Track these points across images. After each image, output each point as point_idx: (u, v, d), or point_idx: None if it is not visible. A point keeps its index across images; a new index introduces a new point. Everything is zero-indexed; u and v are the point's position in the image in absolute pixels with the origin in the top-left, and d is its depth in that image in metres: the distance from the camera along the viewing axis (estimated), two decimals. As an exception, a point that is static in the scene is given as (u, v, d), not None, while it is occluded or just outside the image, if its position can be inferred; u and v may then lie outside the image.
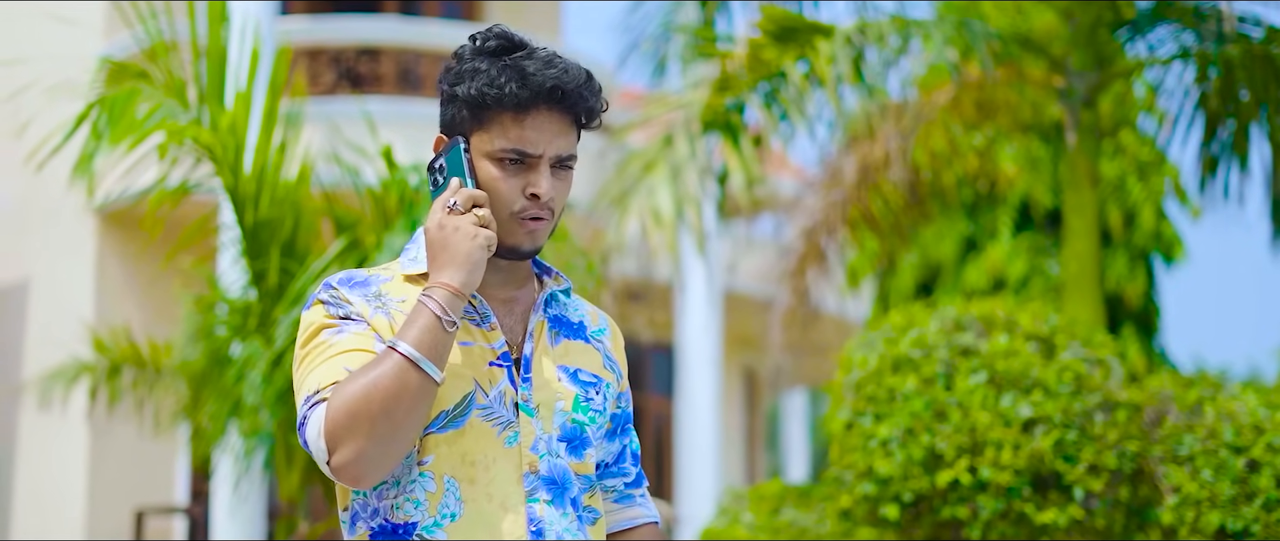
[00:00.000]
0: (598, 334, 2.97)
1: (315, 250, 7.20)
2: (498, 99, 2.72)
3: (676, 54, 9.67)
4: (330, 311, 2.76)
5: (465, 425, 2.74)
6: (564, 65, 2.74)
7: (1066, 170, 8.96)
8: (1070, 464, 6.47)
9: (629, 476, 3.04)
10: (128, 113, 6.76)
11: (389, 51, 15.15)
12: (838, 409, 7.01)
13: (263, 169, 6.94)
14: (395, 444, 2.62)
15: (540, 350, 2.83)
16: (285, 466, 7.41)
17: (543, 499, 2.75)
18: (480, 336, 2.78)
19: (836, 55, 8.21)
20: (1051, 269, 15.15)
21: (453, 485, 2.71)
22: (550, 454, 2.78)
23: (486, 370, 2.77)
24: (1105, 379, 6.77)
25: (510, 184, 2.75)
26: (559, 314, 2.92)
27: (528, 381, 2.79)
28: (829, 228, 9.70)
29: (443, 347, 2.63)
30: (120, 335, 10.42)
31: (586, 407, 2.85)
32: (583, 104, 2.76)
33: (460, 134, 2.78)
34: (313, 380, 2.69)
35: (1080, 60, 8.85)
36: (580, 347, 2.91)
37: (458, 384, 2.73)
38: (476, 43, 2.80)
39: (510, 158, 2.74)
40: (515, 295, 2.87)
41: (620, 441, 3.01)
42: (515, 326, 2.84)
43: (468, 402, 2.74)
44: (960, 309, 7.12)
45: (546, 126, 2.74)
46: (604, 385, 2.90)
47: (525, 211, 2.76)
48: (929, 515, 6.65)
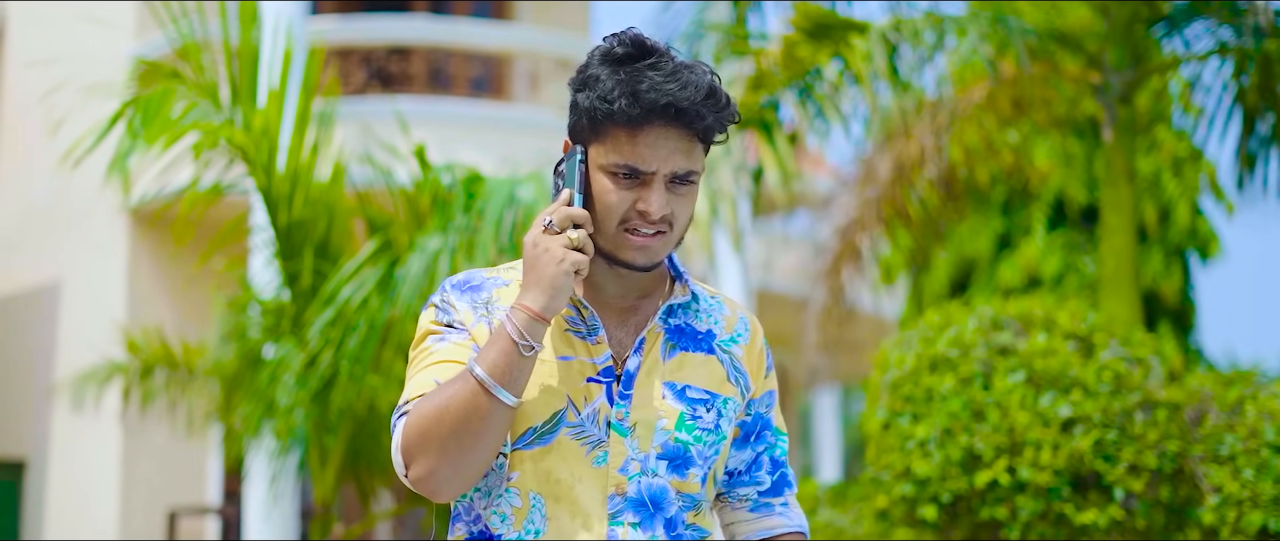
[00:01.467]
0: (728, 342, 2.86)
1: (348, 251, 7.18)
2: (608, 114, 2.63)
3: (709, 52, 9.62)
4: (438, 317, 2.76)
5: (553, 442, 2.69)
6: (686, 79, 2.62)
7: (1103, 167, 8.90)
8: (1110, 464, 6.41)
9: (763, 484, 2.94)
10: (161, 113, 6.75)
11: (419, 51, 15.15)
12: (874, 409, 6.95)
13: (296, 169, 6.92)
14: (467, 463, 2.60)
15: (648, 364, 2.75)
16: (319, 467, 7.39)
17: (628, 520, 2.69)
18: (583, 350, 2.72)
19: (872, 52, 8.15)
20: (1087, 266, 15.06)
21: (538, 501, 2.68)
22: (646, 474, 2.70)
23: (583, 387, 2.70)
24: (1145, 378, 6.70)
25: (621, 197, 2.66)
26: (684, 323, 2.83)
27: (626, 399, 2.71)
28: (864, 225, 9.64)
29: (518, 372, 2.58)
30: (153, 336, 10.42)
31: (692, 426, 2.75)
32: (700, 122, 2.64)
33: (581, 142, 2.72)
34: (408, 389, 2.71)
35: (1116, 56, 8.78)
36: (699, 360, 2.81)
37: (550, 400, 2.69)
38: (607, 47, 2.70)
39: (622, 173, 2.66)
40: (637, 304, 2.80)
41: (753, 448, 2.92)
42: (627, 338, 2.77)
43: (557, 420, 2.69)
44: (998, 308, 7.06)
45: (661, 144, 2.64)
46: (719, 401, 2.79)
47: (634, 226, 2.68)
48: (967, 516, 6.59)
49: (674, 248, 2.75)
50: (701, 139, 2.68)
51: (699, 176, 2.70)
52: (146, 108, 6.78)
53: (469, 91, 15.92)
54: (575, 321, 2.74)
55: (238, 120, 6.93)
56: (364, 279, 6.78)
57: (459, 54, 15.66)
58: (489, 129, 14.05)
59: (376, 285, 6.77)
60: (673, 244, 2.73)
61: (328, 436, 7.20)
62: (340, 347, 6.82)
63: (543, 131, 13.96)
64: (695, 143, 2.67)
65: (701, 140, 2.68)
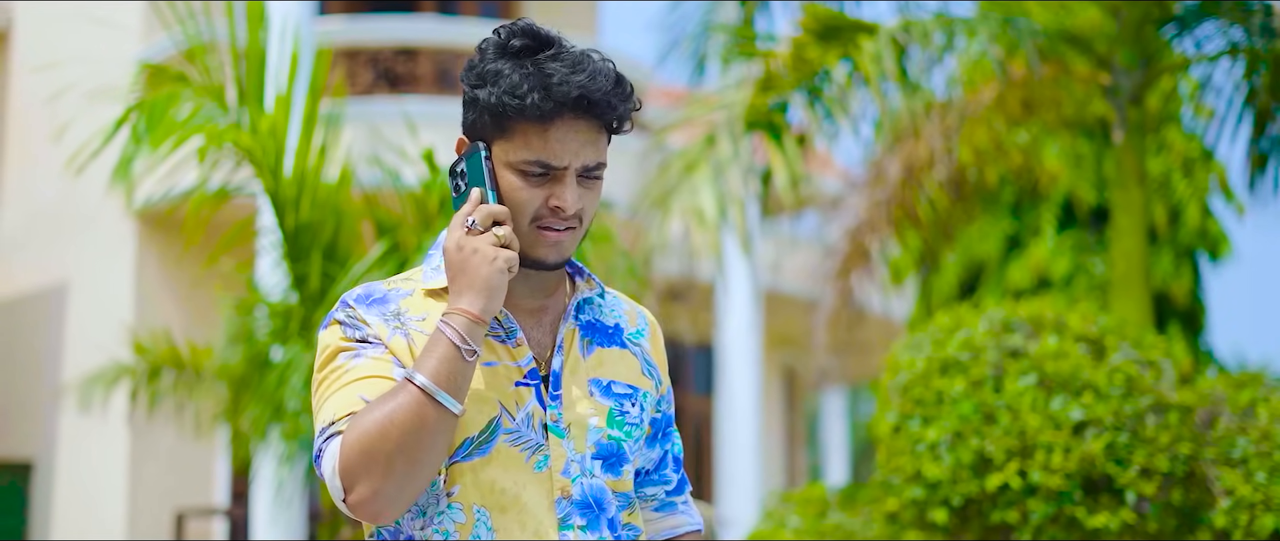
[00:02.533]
0: (636, 336, 2.81)
1: (356, 253, 7.15)
2: (519, 109, 2.53)
3: (716, 53, 9.60)
4: (346, 333, 2.61)
5: (492, 451, 2.59)
6: (592, 69, 2.56)
7: (1114, 168, 8.87)
8: (1122, 467, 6.38)
9: (670, 483, 2.90)
10: (167, 116, 6.73)
11: (426, 51, 15.12)
12: (885, 411, 6.93)
13: (303, 172, 6.89)
14: (413, 480, 2.48)
15: (571, 363, 2.68)
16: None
17: (577, 524, 2.61)
18: (506, 354, 2.63)
19: (881, 53, 8.12)
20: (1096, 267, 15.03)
21: (483, 515, 2.58)
22: (584, 474, 2.63)
23: (512, 391, 2.61)
24: (1156, 380, 6.67)
25: (532, 194, 2.58)
26: (593, 319, 2.76)
27: (557, 399, 2.64)
28: (873, 227, 9.62)
29: (462, 378, 2.48)
30: (160, 338, 10.41)
31: (622, 422, 2.69)
32: (611, 112, 2.58)
33: (482, 139, 2.60)
34: (328, 410, 2.55)
35: (1127, 57, 8.75)
36: (615, 355, 2.75)
37: (482, 408, 2.59)
38: (500, 39, 2.61)
39: (534, 171, 2.57)
40: (545, 303, 2.72)
41: (661, 447, 2.86)
42: (544, 338, 2.69)
43: (493, 428, 2.59)
44: (1008, 310, 7.03)
45: (572, 137, 2.56)
46: (640, 395, 2.74)
47: (548, 222, 2.60)
48: (978, 519, 6.57)
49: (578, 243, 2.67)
50: (609, 130, 2.61)
51: (604, 168, 2.63)
52: (152, 111, 6.76)
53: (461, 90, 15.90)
54: (493, 326, 2.64)
55: (244, 122, 6.91)
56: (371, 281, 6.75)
57: (467, 55, 15.61)
58: (496, 130, 14.01)
59: (384, 287, 6.74)
60: (580, 238, 2.66)
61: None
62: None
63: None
64: (602, 134, 2.60)
65: (608, 131, 2.62)
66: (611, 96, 2.56)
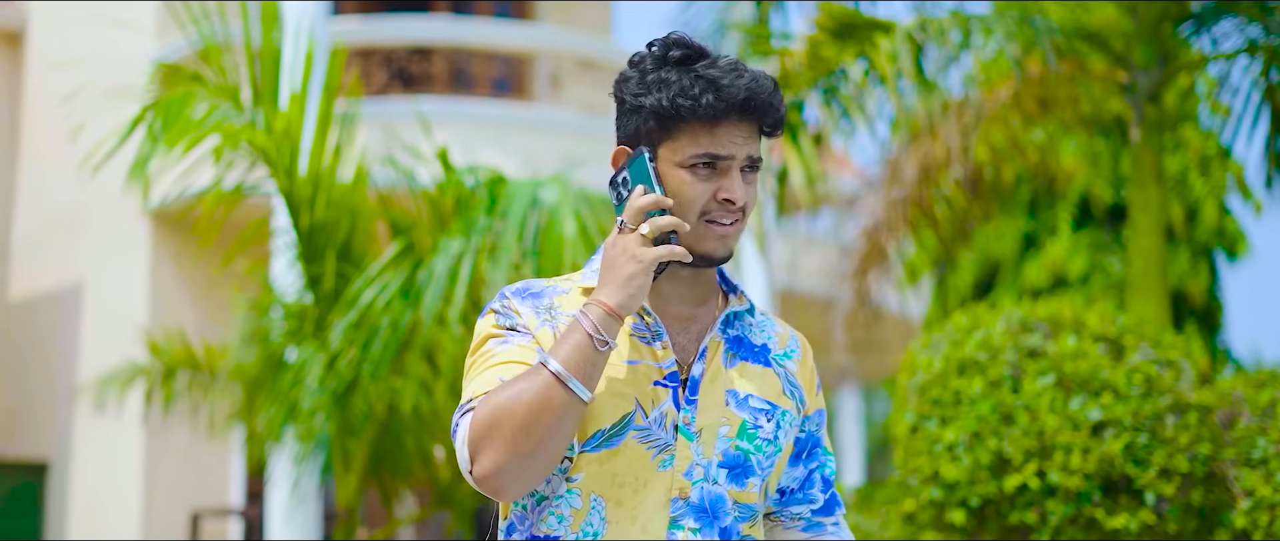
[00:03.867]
0: (783, 357, 2.88)
1: (371, 254, 7.14)
2: (692, 110, 2.66)
3: (730, 51, 9.56)
4: (499, 322, 2.76)
5: (620, 445, 2.68)
6: (753, 74, 2.70)
7: (1131, 167, 8.82)
8: (1141, 468, 6.34)
9: (816, 503, 2.95)
10: (183, 116, 6.72)
11: (441, 51, 15.13)
12: (902, 412, 6.89)
13: (318, 172, 6.88)
14: (536, 459, 2.58)
15: (712, 371, 2.77)
16: (342, 470, 7.35)
17: (689, 526, 2.69)
18: (649, 354, 2.73)
19: (897, 52, 8.08)
20: (1113, 265, 14.98)
21: (598, 504, 2.68)
22: (707, 480, 2.71)
23: (650, 390, 2.71)
24: (1175, 380, 6.63)
25: (701, 189, 2.69)
26: (741, 334, 2.85)
27: (692, 404, 2.72)
28: (890, 226, 9.58)
29: (592, 366, 2.58)
30: (175, 338, 10.42)
31: (753, 435, 2.76)
32: (772, 114, 2.72)
33: (646, 144, 2.73)
34: (470, 388, 2.69)
35: (1144, 55, 8.71)
36: (758, 371, 2.82)
37: (618, 403, 2.69)
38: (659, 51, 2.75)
39: (702, 162, 2.68)
40: (695, 312, 2.81)
41: (806, 466, 2.93)
42: (690, 345, 2.78)
43: (625, 422, 2.69)
44: (1026, 310, 6.99)
45: (736, 133, 2.69)
46: (779, 412, 2.81)
47: (716, 215, 2.70)
48: (996, 520, 6.53)
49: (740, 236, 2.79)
50: (764, 132, 2.75)
51: (762, 165, 2.77)
52: (168, 111, 6.75)
53: (490, 92, 15.90)
54: (640, 327, 2.75)
55: (259, 122, 6.90)
56: (387, 281, 6.74)
57: (480, 54, 15.64)
58: (510, 129, 14.02)
59: (400, 288, 6.73)
60: (743, 232, 2.79)
61: (350, 439, 7.16)
62: (364, 350, 6.79)
63: (564, 132, 13.92)
64: (758, 134, 2.74)
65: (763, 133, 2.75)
66: (773, 98, 2.72)
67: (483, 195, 6.83)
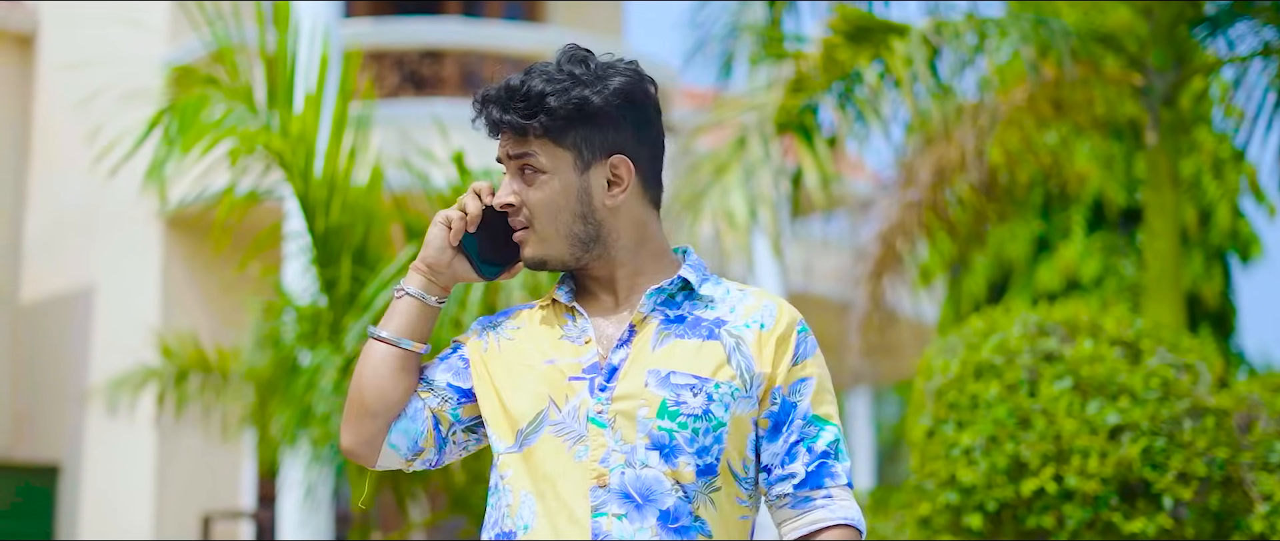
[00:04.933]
0: (741, 327, 2.81)
1: (386, 257, 7.12)
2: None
3: (743, 54, 9.55)
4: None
5: (538, 441, 2.76)
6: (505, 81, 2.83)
7: (1147, 170, 8.81)
8: (1158, 472, 6.32)
9: (796, 477, 2.79)
10: (197, 119, 6.71)
11: (452, 53, 15.10)
12: (918, 415, 6.88)
13: (333, 175, 6.86)
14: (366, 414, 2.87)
15: (635, 355, 2.77)
16: (357, 474, 7.33)
17: (613, 512, 2.69)
18: (570, 352, 2.80)
19: (912, 55, 8.07)
20: (1126, 269, 14.95)
21: (528, 499, 2.75)
22: (633, 465, 2.70)
23: (565, 385, 2.77)
24: (1193, 384, 6.61)
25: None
26: (686, 313, 2.82)
27: (606, 390, 2.74)
28: (904, 230, 9.56)
29: (402, 318, 2.87)
30: (187, 341, 10.41)
31: (675, 413, 2.71)
32: (498, 115, 2.81)
33: None
34: None
35: (1159, 58, 8.69)
36: (692, 346, 2.77)
37: (532, 402, 2.78)
38: None
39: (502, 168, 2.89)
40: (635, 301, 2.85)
41: (785, 439, 2.80)
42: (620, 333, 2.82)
43: (540, 420, 2.77)
44: (1043, 314, 6.97)
45: (502, 140, 2.84)
46: (710, 385, 2.73)
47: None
48: (1013, 524, 6.51)
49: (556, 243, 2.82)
50: (516, 130, 2.80)
51: (540, 161, 2.79)
52: (183, 113, 6.74)
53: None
54: (569, 327, 2.84)
55: (274, 125, 6.88)
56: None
57: (491, 56, 15.60)
58: (522, 132, 13.98)
59: (415, 292, 6.71)
60: (545, 240, 2.82)
61: (366, 443, 7.13)
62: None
63: (576, 134, 13.87)
64: (524, 134, 2.80)
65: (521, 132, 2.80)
66: (498, 98, 2.81)
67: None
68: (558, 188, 2.79)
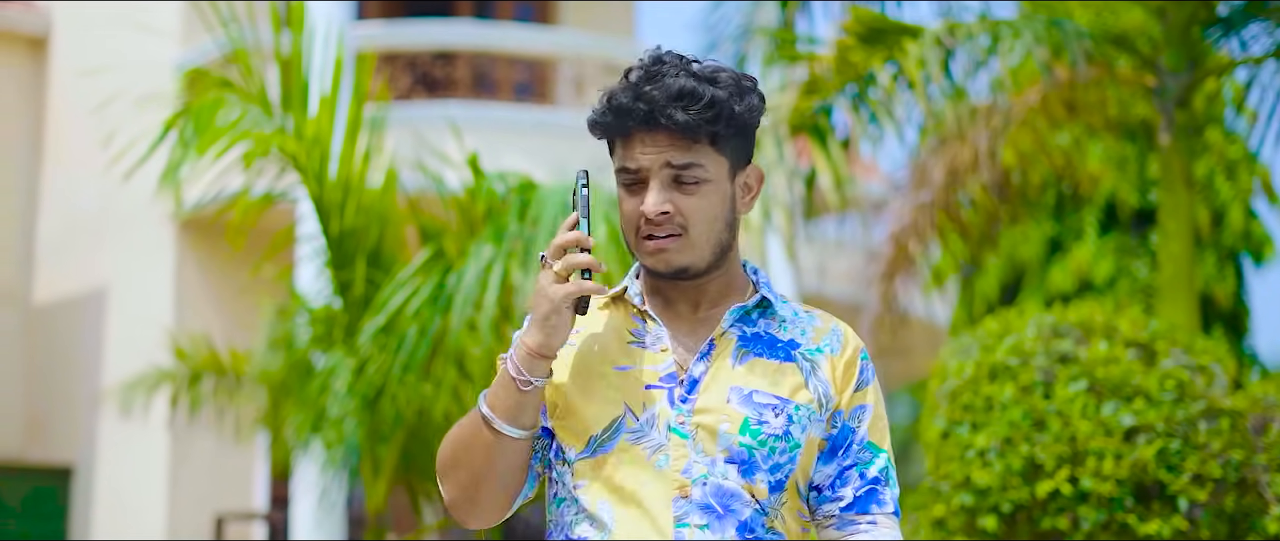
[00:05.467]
0: (813, 352, 2.82)
1: (401, 259, 7.13)
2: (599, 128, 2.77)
3: (756, 55, 9.54)
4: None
5: (614, 449, 2.73)
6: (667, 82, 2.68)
7: (1159, 171, 8.79)
8: (1174, 473, 6.31)
9: (843, 500, 2.82)
10: (213, 122, 6.72)
11: (463, 55, 15.11)
12: (932, 417, 6.87)
13: (348, 177, 6.87)
14: (481, 492, 2.77)
15: (716, 369, 2.77)
16: (371, 476, 7.34)
17: (695, 522, 2.69)
18: (644, 359, 2.77)
19: (925, 57, 8.06)
20: (1139, 270, 14.93)
21: (605, 507, 2.72)
22: (714, 477, 2.71)
23: (641, 394, 2.74)
24: (1208, 386, 6.60)
25: (630, 204, 2.75)
26: (764, 332, 2.82)
27: (687, 402, 2.73)
28: (917, 231, 9.55)
29: (517, 407, 2.70)
30: (200, 343, 10.43)
31: (757, 431, 2.73)
32: (669, 120, 2.68)
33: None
34: None
35: (1173, 59, 8.67)
36: (772, 367, 2.79)
37: (607, 409, 2.74)
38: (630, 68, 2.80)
39: (625, 179, 2.74)
40: (710, 312, 2.82)
41: (839, 463, 2.83)
42: (699, 345, 2.79)
43: (616, 427, 2.73)
44: (1057, 315, 6.96)
45: (650, 143, 2.71)
46: (790, 407, 2.76)
47: (646, 232, 2.73)
48: (1028, 526, 6.50)
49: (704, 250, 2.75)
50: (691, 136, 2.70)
51: (705, 170, 2.72)
52: (199, 116, 6.75)
53: (513, 96, 15.88)
54: (639, 333, 2.79)
55: (289, 127, 6.89)
56: (417, 287, 6.74)
57: (503, 58, 15.62)
58: (534, 133, 14.01)
59: (430, 294, 6.73)
60: (697, 247, 2.74)
61: (380, 445, 7.16)
62: (393, 356, 6.78)
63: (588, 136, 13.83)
64: (690, 139, 2.70)
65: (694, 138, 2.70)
66: (670, 104, 2.67)
67: (513, 201, 6.82)
68: (717, 196, 2.75)
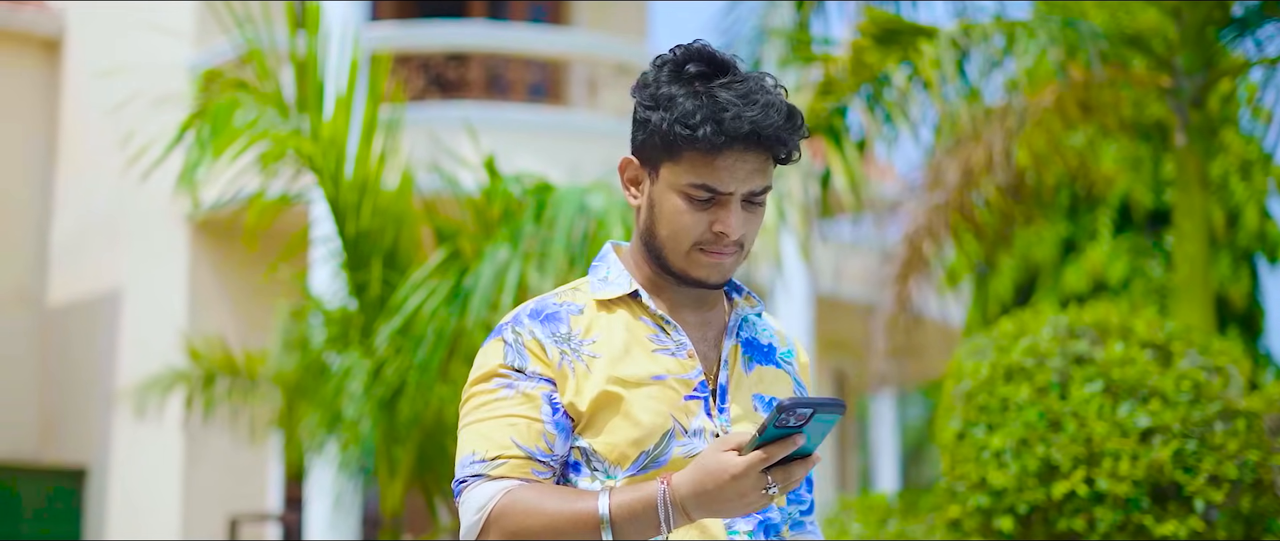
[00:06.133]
0: (786, 356, 2.86)
1: (416, 260, 7.14)
2: (690, 140, 2.59)
3: (771, 57, 9.53)
4: (507, 358, 2.68)
5: (667, 463, 2.63)
6: (765, 102, 2.59)
7: (1176, 172, 8.78)
8: (1190, 474, 6.30)
9: (804, 503, 2.86)
10: (229, 123, 6.73)
11: (477, 56, 15.12)
12: (948, 418, 6.86)
13: (364, 178, 6.88)
14: None
15: (736, 377, 2.74)
16: (387, 477, 7.35)
17: (743, 528, 2.66)
18: (676, 367, 2.69)
19: (940, 57, 8.06)
20: (1153, 271, 14.90)
21: None
22: None
23: (683, 405, 2.66)
24: (1224, 387, 6.59)
25: (697, 218, 2.64)
26: (751, 337, 2.81)
27: (724, 412, 2.69)
28: (931, 232, 9.55)
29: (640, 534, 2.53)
30: (214, 344, 10.44)
31: None
32: (781, 146, 2.62)
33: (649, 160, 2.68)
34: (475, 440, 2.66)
35: (1188, 60, 8.66)
36: (773, 373, 2.80)
37: (657, 422, 2.64)
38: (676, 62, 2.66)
39: (700, 195, 2.62)
40: (707, 317, 2.78)
41: None
42: (710, 353, 2.75)
43: (667, 440, 2.64)
44: (1073, 316, 6.96)
45: (739, 166, 2.60)
46: None
47: (709, 245, 2.65)
48: (1044, 527, 6.50)
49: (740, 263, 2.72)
50: (783, 161, 2.65)
51: (769, 191, 2.68)
52: (215, 118, 6.76)
53: (527, 97, 15.90)
54: (660, 338, 2.71)
55: (305, 129, 6.90)
56: (433, 288, 6.74)
57: (517, 60, 15.64)
58: (547, 135, 14.02)
59: (446, 295, 6.74)
60: (742, 261, 2.71)
61: (396, 447, 7.16)
62: (410, 357, 6.79)
63: (601, 137, 13.90)
64: (769, 162, 2.64)
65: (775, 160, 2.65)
66: (782, 130, 2.60)
67: (529, 203, 6.83)
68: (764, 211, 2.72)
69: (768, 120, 2.58)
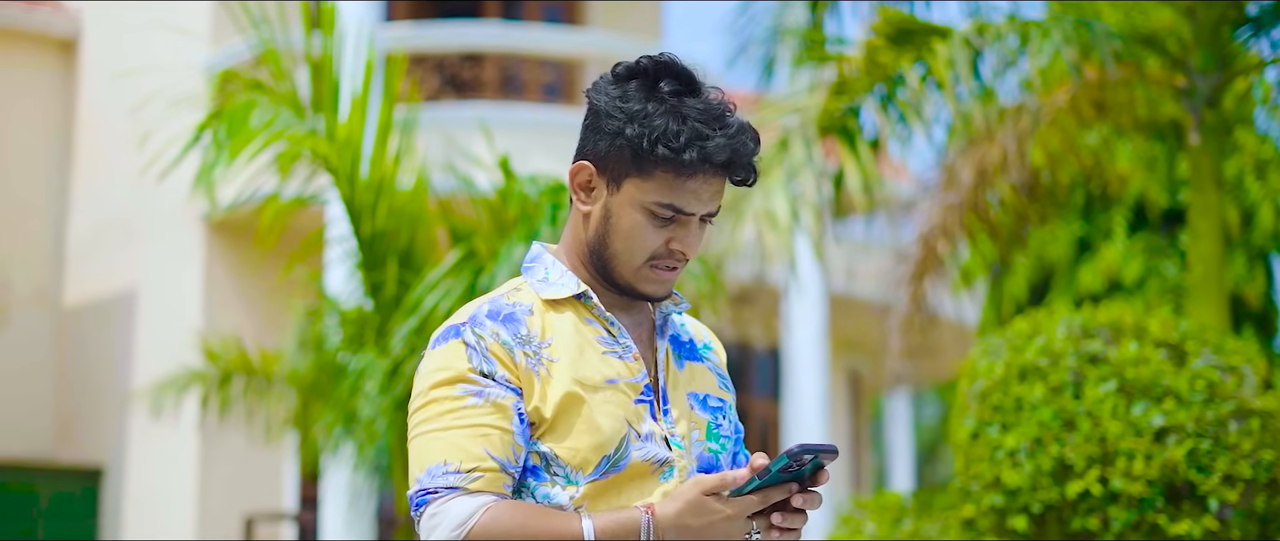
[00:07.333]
0: (706, 349, 2.86)
1: (432, 261, 7.15)
2: (668, 161, 2.60)
3: (785, 56, 9.55)
4: (474, 362, 2.63)
5: (627, 467, 2.63)
6: (738, 126, 2.62)
7: (1191, 172, 8.77)
8: (1204, 474, 6.31)
9: None
10: (245, 124, 6.75)
11: (491, 56, 15.13)
12: (962, 417, 6.87)
13: (380, 178, 6.90)
14: None
15: (671, 377, 2.74)
16: (402, 477, 7.37)
17: None
18: (625, 370, 2.68)
19: (954, 57, 8.06)
20: (1168, 270, 14.87)
21: None
22: None
23: (634, 409, 2.66)
24: (1238, 386, 6.59)
25: (656, 235, 2.65)
26: (675, 333, 2.82)
27: (667, 413, 2.69)
28: (945, 231, 9.55)
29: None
30: (230, 344, 10.46)
31: (717, 435, 2.76)
32: (746, 172, 2.65)
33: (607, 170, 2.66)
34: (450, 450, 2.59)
35: (1203, 60, 8.65)
36: (701, 370, 2.81)
37: (615, 427, 2.63)
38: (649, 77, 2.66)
39: (664, 214, 2.63)
40: (638, 318, 2.77)
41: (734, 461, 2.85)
42: (646, 354, 2.74)
43: (625, 444, 2.63)
44: (1087, 316, 6.96)
45: (705, 189, 2.63)
46: (727, 407, 2.80)
47: (662, 261, 2.67)
48: (1058, 526, 6.51)
49: None
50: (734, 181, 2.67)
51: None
52: (232, 118, 6.78)
53: (541, 97, 15.91)
54: (608, 341, 2.70)
55: (320, 129, 6.92)
56: (449, 288, 6.76)
57: (531, 60, 15.65)
58: (561, 134, 13.98)
59: (461, 295, 6.75)
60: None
61: (411, 446, 7.17)
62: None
63: (613, 139, 13.88)
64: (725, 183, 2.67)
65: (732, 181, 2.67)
66: (750, 156, 2.64)
67: (544, 203, 6.84)
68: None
69: (744, 149, 2.62)
